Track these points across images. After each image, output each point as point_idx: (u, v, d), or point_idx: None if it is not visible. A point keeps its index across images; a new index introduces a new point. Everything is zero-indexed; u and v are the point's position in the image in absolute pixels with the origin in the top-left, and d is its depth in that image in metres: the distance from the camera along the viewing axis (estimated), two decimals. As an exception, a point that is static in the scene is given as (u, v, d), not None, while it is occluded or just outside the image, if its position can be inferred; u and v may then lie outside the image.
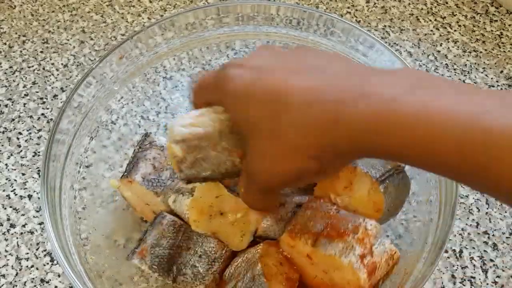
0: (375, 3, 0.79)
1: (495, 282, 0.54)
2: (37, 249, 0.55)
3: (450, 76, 0.71)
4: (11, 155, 0.62)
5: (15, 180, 0.60)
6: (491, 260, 0.55)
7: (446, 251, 0.56)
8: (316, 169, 0.31)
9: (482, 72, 0.71)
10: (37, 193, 0.60)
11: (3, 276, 0.54)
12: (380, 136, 0.28)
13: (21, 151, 0.63)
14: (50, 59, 0.72)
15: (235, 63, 0.34)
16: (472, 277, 0.54)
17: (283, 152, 0.31)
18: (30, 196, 0.59)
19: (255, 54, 0.35)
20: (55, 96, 0.68)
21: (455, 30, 0.76)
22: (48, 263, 0.54)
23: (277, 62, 0.33)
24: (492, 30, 0.76)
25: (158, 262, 0.45)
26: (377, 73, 0.31)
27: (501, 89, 0.69)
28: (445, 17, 0.78)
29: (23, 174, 0.61)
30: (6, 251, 0.55)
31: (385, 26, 0.76)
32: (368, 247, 0.42)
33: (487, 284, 0.54)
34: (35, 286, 0.53)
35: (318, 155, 0.30)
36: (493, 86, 0.69)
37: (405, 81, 0.29)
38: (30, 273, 0.54)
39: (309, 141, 0.30)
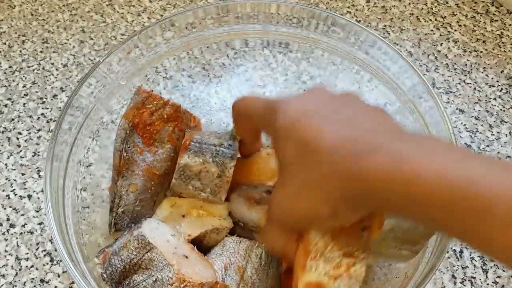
0: (375, 3, 0.79)
1: (496, 282, 0.54)
2: (36, 249, 0.55)
3: (450, 76, 0.70)
4: (11, 155, 0.62)
5: (14, 180, 0.60)
6: (492, 260, 0.55)
7: (447, 251, 0.56)
8: (327, 215, 0.33)
9: (482, 72, 0.71)
10: (36, 193, 0.59)
11: (3, 276, 0.53)
12: (386, 192, 0.29)
13: (21, 151, 0.63)
14: (50, 59, 0.71)
15: (285, 100, 0.36)
16: (472, 277, 0.54)
17: (301, 192, 0.33)
18: (29, 196, 0.59)
19: (306, 95, 0.37)
20: (54, 96, 0.68)
21: (455, 30, 0.76)
22: (48, 263, 0.54)
23: (320, 107, 0.35)
24: (492, 30, 0.76)
25: (111, 271, 0.43)
26: (401, 137, 0.32)
27: (501, 89, 0.69)
28: (445, 17, 0.78)
29: (23, 174, 0.61)
30: (6, 251, 0.55)
31: (385, 25, 0.76)
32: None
33: (488, 284, 0.54)
34: (34, 286, 0.53)
35: (333, 202, 0.32)
36: (493, 86, 0.69)
37: (421, 145, 0.30)
38: (30, 273, 0.54)
39: (327, 188, 0.32)
